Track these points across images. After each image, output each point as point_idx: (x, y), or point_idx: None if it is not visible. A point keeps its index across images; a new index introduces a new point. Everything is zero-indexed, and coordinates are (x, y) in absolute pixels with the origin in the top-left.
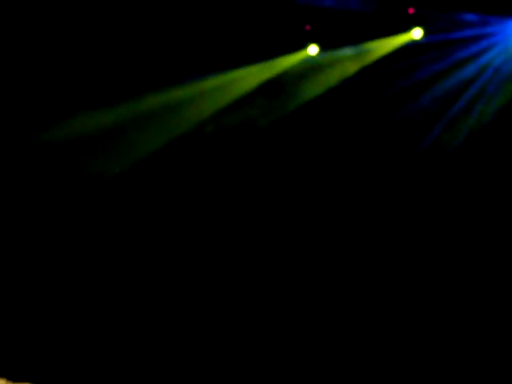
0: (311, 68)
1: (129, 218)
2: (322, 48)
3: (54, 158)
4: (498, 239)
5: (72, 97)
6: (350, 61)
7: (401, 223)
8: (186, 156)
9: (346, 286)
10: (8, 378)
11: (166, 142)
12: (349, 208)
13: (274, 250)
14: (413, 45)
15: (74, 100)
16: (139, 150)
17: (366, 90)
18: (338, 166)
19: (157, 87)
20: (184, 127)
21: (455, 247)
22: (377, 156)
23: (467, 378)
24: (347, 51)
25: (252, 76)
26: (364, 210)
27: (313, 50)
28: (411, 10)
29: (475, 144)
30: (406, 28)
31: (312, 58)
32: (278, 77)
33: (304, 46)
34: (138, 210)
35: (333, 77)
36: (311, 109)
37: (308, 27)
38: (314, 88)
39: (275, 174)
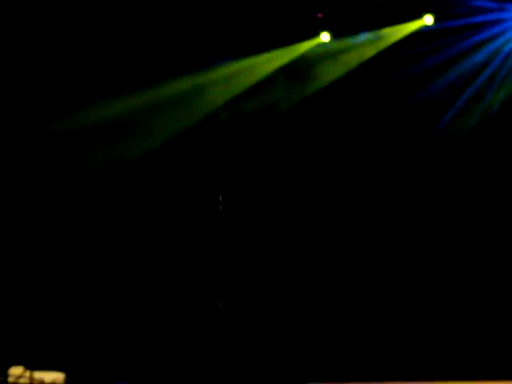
0: (326, 54)
1: (145, 204)
2: (335, 35)
3: (72, 146)
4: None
5: (90, 85)
6: (364, 47)
7: (413, 206)
8: (204, 142)
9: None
10: (25, 366)
11: (182, 129)
12: (365, 190)
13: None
14: (426, 31)
15: (92, 88)
16: (156, 137)
17: (380, 75)
18: (353, 150)
19: (173, 75)
20: (201, 114)
21: (466, 231)
22: (390, 140)
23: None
24: (360, 38)
25: (269, 62)
26: (379, 192)
27: (325, 37)
28: None
29: (486, 129)
30: (419, 14)
31: (327, 44)
32: (294, 63)
33: (317, 33)
34: (155, 197)
35: (347, 63)
36: (327, 94)
37: (320, 15)
38: (329, 74)
39: (293, 158)
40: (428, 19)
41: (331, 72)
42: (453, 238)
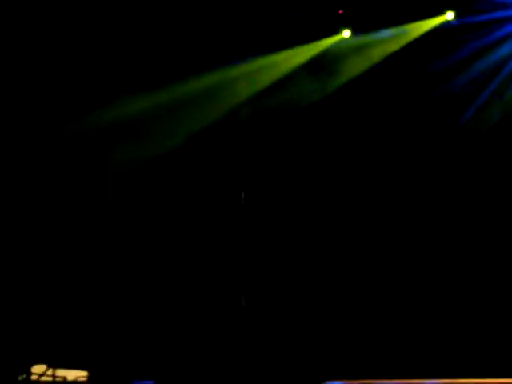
0: (350, 50)
1: (169, 202)
2: (356, 31)
3: (97, 141)
4: None
5: (114, 82)
6: (387, 43)
7: (436, 197)
8: (226, 138)
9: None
10: (48, 364)
11: (205, 126)
12: (389, 185)
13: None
14: (448, 26)
15: (116, 85)
16: (179, 134)
17: (402, 71)
18: (376, 146)
19: (196, 72)
20: (224, 111)
21: (487, 227)
22: (414, 135)
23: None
24: (383, 33)
25: (291, 59)
26: (403, 187)
27: (346, 33)
28: None
29: (509, 124)
30: (440, 10)
31: (350, 40)
32: (318, 58)
33: (338, 29)
34: (178, 194)
35: (370, 58)
36: (350, 90)
37: (341, 11)
38: (353, 69)
39: (316, 154)
40: (449, 15)
41: (355, 67)
42: (477, 231)
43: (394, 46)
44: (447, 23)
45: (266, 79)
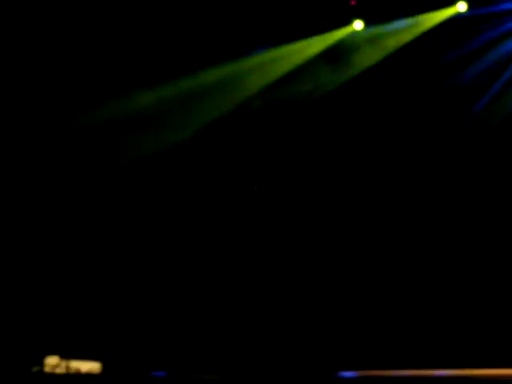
0: (362, 40)
1: (181, 194)
2: (369, 22)
3: (111, 134)
4: None
5: (125, 75)
6: (399, 33)
7: (446, 188)
8: (239, 130)
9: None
10: (62, 356)
11: (217, 117)
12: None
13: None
14: (461, 17)
15: (127, 78)
16: (191, 126)
17: (415, 61)
18: (388, 137)
19: (208, 64)
20: (236, 102)
21: (495, 217)
22: (426, 124)
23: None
24: (396, 24)
25: (303, 50)
26: (413, 173)
27: (358, 25)
28: None
29: None
30: (451, 2)
31: (362, 30)
32: (332, 49)
33: (351, 20)
34: (190, 186)
35: (383, 49)
36: (363, 81)
37: (353, 2)
38: (366, 60)
39: (329, 146)
40: (461, 6)
41: (368, 58)
42: (487, 224)
43: (406, 37)
44: (460, 14)
45: (279, 70)
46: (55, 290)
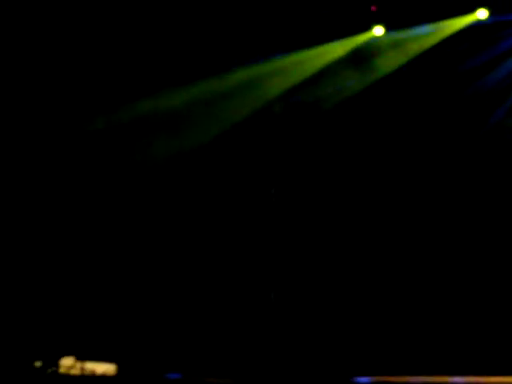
0: (384, 45)
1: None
2: (389, 28)
3: (133, 134)
4: None
5: (149, 77)
6: (421, 39)
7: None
8: (258, 134)
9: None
10: (77, 357)
11: (237, 121)
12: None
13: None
14: (482, 24)
15: (151, 80)
16: (212, 129)
17: (436, 68)
18: (408, 142)
19: (230, 67)
20: (256, 106)
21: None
22: (446, 132)
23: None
24: (417, 30)
25: (324, 55)
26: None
27: (378, 30)
28: None
29: None
30: (472, 8)
31: (384, 36)
32: (353, 53)
33: (371, 26)
34: (209, 189)
35: (405, 55)
36: (384, 85)
37: (374, 8)
38: (387, 65)
39: (349, 150)
40: (481, 13)
41: (389, 64)
42: (504, 230)
43: (428, 43)
44: (481, 21)
45: (300, 74)
46: (72, 292)
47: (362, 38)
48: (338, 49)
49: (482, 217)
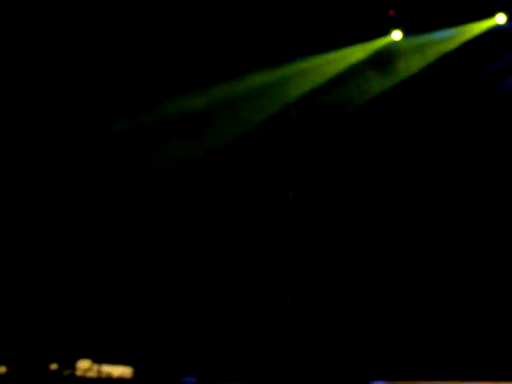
0: (404, 49)
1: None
2: (407, 33)
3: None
4: None
5: (165, 81)
6: (440, 44)
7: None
8: (276, 137)
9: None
10: (93, 360)
11: (257, 123)
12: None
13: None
14: (502, 28)
15: (168, 84)
16: (231, 132)
17: (458, 70)
18: (427, 146)
19: (250, 70)
20: (275, 109)
21: None
22: (464, 133)
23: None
24: (436, 35)
25: (343, 59)
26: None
27: (396, 35)
28: None
29: None
30: (491, 13)
31: (403, 40)
32: (372, 57)
33: (389, 31)
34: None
35: (424, 58)
36: (405, 88)
37: (392, 12)
38: (407, 69)
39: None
40: (500, 18)
41: (410, 67)
42: None
43: (447, 47)
44: (500, 26)
45: (321, 77)
46: (89, 295)
47: (380, 43)
48: (359, 52)
49: (502, 221)
